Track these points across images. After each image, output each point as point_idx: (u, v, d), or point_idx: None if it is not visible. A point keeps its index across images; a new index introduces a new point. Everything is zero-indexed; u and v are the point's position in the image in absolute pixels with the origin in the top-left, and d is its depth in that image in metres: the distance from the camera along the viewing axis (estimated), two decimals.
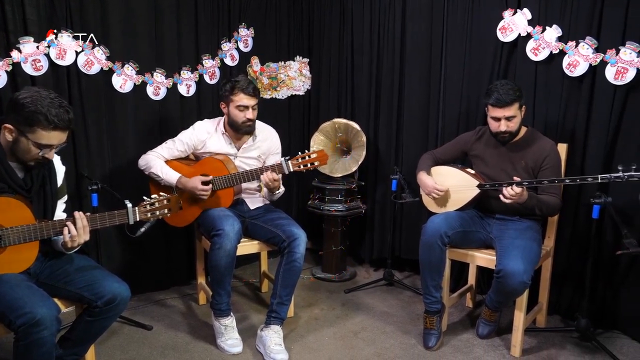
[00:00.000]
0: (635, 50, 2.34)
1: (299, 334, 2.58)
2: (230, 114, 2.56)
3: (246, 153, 2.65)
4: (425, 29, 3.12)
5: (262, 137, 2.70)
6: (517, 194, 2.20)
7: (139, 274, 2.96)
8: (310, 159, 2.39)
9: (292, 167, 2.39)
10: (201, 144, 2.63)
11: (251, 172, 2.45)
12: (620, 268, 2.55)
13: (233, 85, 2.53)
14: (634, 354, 2.42)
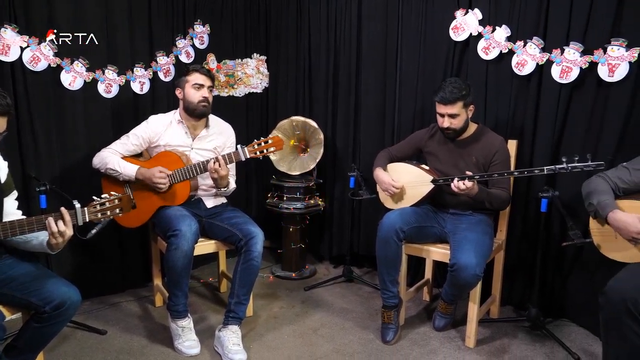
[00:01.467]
0: (578, 50, 2.44)
1: (258, 333, 2.57)
2: (186, 95, 2.56)
3: (201, 144, 2.63)
4: (381, 29, 3.16)
5: (217, 129, 2.69)
6: (467, 188, 2.26)
7: (92, 277, 2.88)
8: (265, 145, 2.41)
9: (249, 153, 2.40)
10: (156, 137, 2.59)
11: (201, 165, 2.43)
12: (567, 259, 2.66)
13: (188, 68, 2.61)
14: (580, 340, 2.53)
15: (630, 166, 2.03)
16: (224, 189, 2.58)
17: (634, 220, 1.84)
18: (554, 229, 2.65)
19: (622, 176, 2.02)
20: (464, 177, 2.29)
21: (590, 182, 2.08)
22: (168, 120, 2.62)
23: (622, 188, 2.02)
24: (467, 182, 2.26)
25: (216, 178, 2.45)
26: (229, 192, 2.66)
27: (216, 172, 2.40)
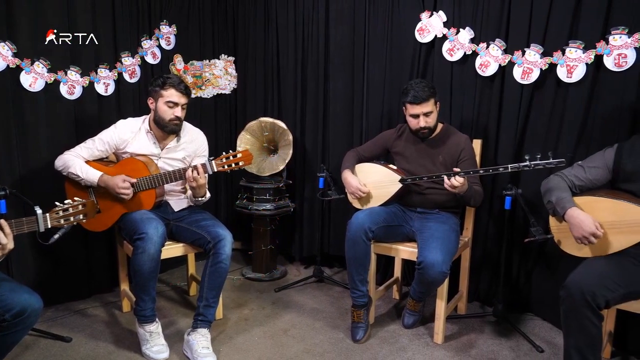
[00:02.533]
0: (538, 52, 2.52)
1: (227, 336, 2.55)
2: (158, 110, 2.47)
3: (170, 154, 2.58)
4: (348, 31, 3.18)
5: (188, 138, 2.63)
6: (460, 184, 2.26)
7: (56, 284, 2.80)
8: (234, 159, 2.36)
9: (216, 167, 2.36)
10: (123, 144, 2.52)
11: (174, 173, 2.39)
12: (531, 255, 2.74)
13: (164, 81, 2.45)
14: (544, 333, 2.61)
15: (585, 164, 2.10)
16: (201, 198, 2.53)
17: (589, 219, 1.90)
18: (518, 225, 2.72)
19: (578, 174, 2.09)
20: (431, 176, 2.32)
21: (548, 181, 2.15)
22: (137, 127, 2.55)
23: (578, 185, 2.09)
24: (459, 178, 2.26)
25: (195, 187, 2.40)
26: (204, 201, 2.61)
27: (195, 180, 2.35)
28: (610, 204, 1.94)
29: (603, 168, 2.05)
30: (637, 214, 1.86)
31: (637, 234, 1.87)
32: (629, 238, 1.89)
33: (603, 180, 2.07)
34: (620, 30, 2.28)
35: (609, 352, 2.38)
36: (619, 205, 1.91)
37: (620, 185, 2.02)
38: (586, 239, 1.92)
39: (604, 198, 1.96)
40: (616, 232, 1.92)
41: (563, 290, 1.85)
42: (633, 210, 1.87)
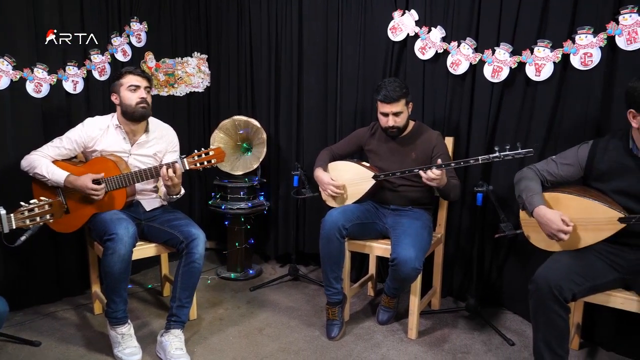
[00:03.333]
0: (507, 51, 2.56)
1: (202, 336, 2.53)
2: (123, 99, 2.44)
3: (141, 150, 2.54)
4: (321, 28, 3.18)
5: (158, 134, 2.59)
6: (437, 176, 2.26)
7: (24, 287, 2.73)
8: (206, 156, 2.33)
9: (188, 164, 2.33)
10: (92, 141, 2.47)
11: (146, 172, 2.35)
12: (502, 250, 2.79)
13: (121, 72, 2.48)
14: (515, 326, 2.66)
15: (558, 160, 2.12)
16: (176, 195, 2.50)
17: (556, 218, 1.92)
18: (489, 221, 2.76)
19: (550, 169, 2.12)
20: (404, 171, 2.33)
21: (521, 174, 2.17)
22: (105, 124, 2.51)
23: (550, 180, 2.12)
24: (435, 170, 2.26)
25: (170, 185, 2.36)
26: (179, 198, 2.57)
27: (170, 179, 2.31)
28: (578, 202, 1.96)
29: (575, 166, 2.07)
30: (604, 213, 1.89)
31: (603, 231, 1.91)
32: (595, 235, 1.93)
33: (575, 177, 2.10)
34: (586, 30, 2.34)
35: (577, 343, 2.45)
36: (587, 203, 1.94)
37: (592, 183, 2.04)
38: (556, 236, 1.94)
39: (573, 196, 1.99)
40: (584, 229, 1.96)
41: (531, 284, 1.89)
42: (600, 209, 1.90)
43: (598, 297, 1.96)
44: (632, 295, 1.92)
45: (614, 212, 1.87)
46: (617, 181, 1.94)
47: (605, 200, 1.93)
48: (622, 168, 1.93)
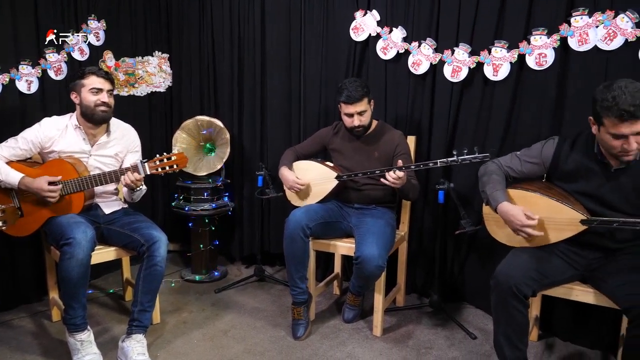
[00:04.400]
0: (466, 51, 2.62)
1: (165, 340, 2.49)
2: (83, 100, 2.37)
3: (101, 150, 2.47)
4: (284, 27, 3.18)
5: (119, 134, 2.53)
6: (399, 177, 2.27)
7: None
8: (168, 161, 2.28)
9: (149, 169, 2.28)
10: (49, 142, 2.39)
11: (106, 176, 2.29)
12: (464, 246, 2.85)
13: (83, 71, 2.39)
14: (477, 321, 2.72)
15: (522, 157, 2.13)
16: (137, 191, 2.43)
17: (519, 213, 1.94)
18: (451, 218, 2.81)
19: (514, 166, 2.13)
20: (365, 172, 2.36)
21: (485, 168, 2.17)
22: (63, 125, 2.43)
23: (512, 177, 2.14)
24: (398, 172, 2.27)
25: (133, 188, 2.32)
26: (140, 196, 2.51)
27: (134, 183, 2.26)
28: (544, 201, 1.98)
29: (540, 164, 2.08)
30: (567, 213, 1.92)
31: (565, 231, 1.94)
32: (557, 234, 1.96)
33: (537, 174, 2.12)
34: (540, 31, 2.42)
35: (536, 335, 2.53)
36: (552, 203, 1.96)
37: (555, 182, 2.06)
38: (522, 232, 1.95)
39: (539, 195, 2.00)
40: (546, 227, 1.98)
41: (493, 280, 1.93)
42: (564, 210, 1.93)
43: (557, 290, 2.01)
44: (588, 288, 1.98)
45: (577, 214, 1.91)
46: (581, 183, 1.96)
47: (569, 202, 1.95)
48: (587, 171, 1.94)
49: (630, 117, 1.67)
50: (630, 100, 1.66)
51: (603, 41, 2.28)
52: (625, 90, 1.68)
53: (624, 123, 1.69)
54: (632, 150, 1.74)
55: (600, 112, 1.75)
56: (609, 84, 1.75)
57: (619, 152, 1.78)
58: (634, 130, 1.70)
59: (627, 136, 1.72)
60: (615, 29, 2.25)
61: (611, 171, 1.89)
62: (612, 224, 1.80)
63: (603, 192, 1.91)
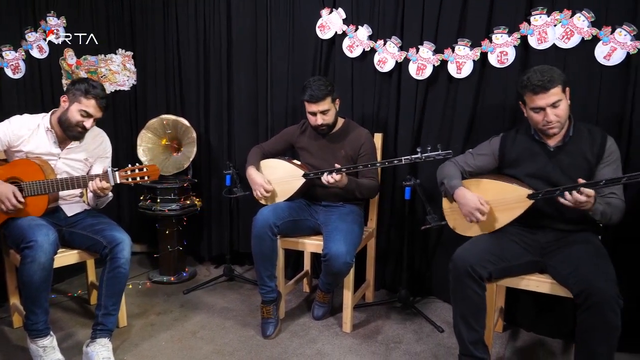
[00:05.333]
0: (431, 49, 2.65)
1: (132, 344, 2.44)
2: (69, 112, 2.30)
3: (71, 154, 2.41)
4: (250, 25, 3.16)
5: (90, 138, 2.46)
6: (336, 181, 2.35)
7: None
8: (140, 172, 2.24)
9: (120, 178, 2.24)
10: (18, 141, 2.32)
11: (75, 180, 2.24)
12: (431, 241, 2.89)
13: (88, 89, 2.29)
14: (444, 314, 2.77)
15: (474, 152, 2.28)
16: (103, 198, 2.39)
17: (474, 197, 2.07)
18: (418, 214, 2.85)
19: (468, 161, 2.27)
20: (332, 170, 2.37)
21: (443, 166, 2.30)
22: (35, 124, 2.35)
23: (468, 171, 2.27)
24: (335, 175, 2.35)
25: (100, 196, 2.27)
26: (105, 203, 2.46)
27: (101, 190, 2.21)
28: (493, 184, 2.12)
29: (490, 155, 2.23)
30: (514, 191, 2.05)
31: (515, 210, 2.05)
32: (508, 215, 2.08)
33: (490, 166, 2.25)
34: (502, 29, 2.47)
35: (501, 326, 2.59)
36: (498, 185, 2.10)
37: (505, 171, 2.20)
38: (473, 215, 2.08)
39: (487, 179, 2.16)
40: (499, 210, 2.10)
41: (450, 263, 2.02)
42: (510, 189, 2.06)
43: (515, 281, 2.08)
44: (545, 278, 2.05)
45: (524, 189, 2.03)
46: (527, 166, 2.11)
47: (516, 182, 2.08)
48: (530, 153, 2.11)
49: (541, 90, 1.92)
50: (540, 76, 1.93)
51: (561, 39, 2.35)
52: (536, 70, 1.97)
53: (538, 95, 1.94)
54: (552, 121, 1.97)
55: (521, 91, 2.02)
56: (528, 70, 2.02)
57: (543, 125, 2.00)
58: (548, 102, 1.94)
59: (544, 108, 1.95)
60: (573, 27, 2.32)
61: (550, 150, 2.06)
62: (555, 192, 1.91)
63: (547, 171, 2.05)
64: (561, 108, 1.95)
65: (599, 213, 1.90)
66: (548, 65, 2.03)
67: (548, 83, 1.91)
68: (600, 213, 1.90)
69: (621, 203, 1.97)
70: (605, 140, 2.01)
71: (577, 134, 2.04)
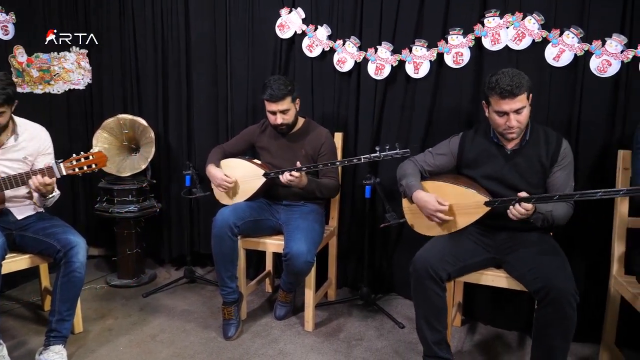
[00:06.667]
0: (389, 50, 2.69)
1: (88, 350, 2.38)
2: None
3: (8, 154, 2.30)
4: (209, 24, 3.12)
5: (27, 136, 2.36)
6: (296, 179, 2.35)
7: None
8: (86, 160, 2.18)
9: (65, 170, 2.16)
10: None
11: (14, 178, 2.15)
12: (391, 239, 2.93)
13: None
14: (405, 310, 2.81)
15: (433, 151, 2.30)
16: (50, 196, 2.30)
17: (432, 199, 2.09)
18: (378, 212, 2.88)
19: (427, 160, 2.29)
20: (292, 169, 2.37)
21: (402, 166, 2.32)
22: None
23: (427, 170, 2.29)
24: (294, 173, 2.34)
25: (44, 192, 2.18)
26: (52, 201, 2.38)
27: (43, 187, 2.13)
28: (452, 188, 2.14)
29: (448, 155, 2.26)
30: (473, 198, 2.07)
31: (473, 215, 2.09)
32: (467, 219, 2.11)
33: (449, 166, 2.28)
34: (457, 31, 2.53)
35: (459, 320, 2.66)
36: (459, 190, 2.11)
37: (463, 171, 2.23)
38: (436, 217, 2.10)
39: (447, 183, 2.16)
40: (457, 213, 2.12)
41: (411, 265, 2.04)
42: (469, 194, 2.08)
43: (473, 277, 2.13)
44: (501, 273, 2.11)
45: (481, 197, 2.06)
46: (483, 167, 2.14)
47: (474, 187, 2.11)
48: (487, 155, 2.14)
49: (508, 95, 1.92)
50: (509, 81, 1.92)
51: (513, 41, 2.42)
52: (506, 73, 1.95)
53: (504, 100, 1.94)
54: (513, 127, 1.98)
55: (487, 92, 2.00)
56: (497, 71, 2.00)
57: (504, 129, 2.02)
58: (513, 107, 1.95)
59: (508, 113, 1.96)
60: (524, 29, 2.40)
61: (508, 153, 2.10)
62: (511, 202, 1.96)
63: (503, 173, 2.09)
64: (524, 114, 1.98)
65: (540, 221, 1.98)
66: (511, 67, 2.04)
67: (516, 89, 1.91)
68: (541, 220, 1.98)
69: (567, 208, 2.04)
70: (560, 143, 2.06)
71: (533, 137, 2.08)
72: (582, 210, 2.23)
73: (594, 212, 2.34)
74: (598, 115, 2.34)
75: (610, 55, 2.27)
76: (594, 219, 2.36)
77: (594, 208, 2.32)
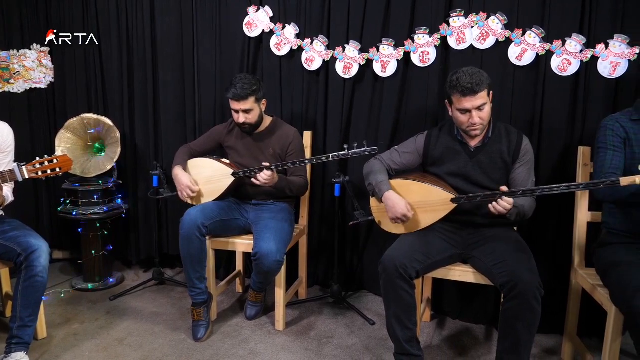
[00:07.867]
0: (356, 49, 2.70)
1: (53, 355, 2.31)
2: None
3: None
4: (175, 21, 3.07)
5: None
6: (269, 177, 2.34)
7: None
8: (50, 164, 2.12)
9: (28, 173, 2.10)
10: None
11: None
12: (361, 236, 2.95)
13: None
14: (375, 307, 2.84)
15: (400, 149, 2.33)
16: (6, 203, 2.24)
17: (402, 204, 2.11)
18: (348, 210, 2.90)
19: (394, 159, 2.31)
20: (261, 168, 2.36)
21: (369, 164, 2.34)
22: None
23: (394, 169, 2.32)
24: (267, 172, 2.33)
25: None
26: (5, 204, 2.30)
27: None
28: (419, 186, 2.17)
29: (414, 154, 2.29)
30: (439, 195, 2.11)
31: (439, 212, 2.13)
32: (433, 216, 2.15)
33: (415, 164, 2.32)
34: (423, 30, 2.56)
35: (429, 315, 2.70)
36: (426, 188, 2.15)
37: (429, 169, 2.27)
38: (398, 219, 2.14)
39: (414, 181, 2.19)
40: (423, 211, 2.16)
41: (380, 265, 2.04)
42: (435, 192, 2.12)
43: (440, 272, 2.16)
44: (468, 268, 2.15)
45: (447, 194, 2.10)
46: (448, 165, 2.19)
47: (440, 184, 2.15)
48: (452, 152, 2.18)
49: (470, 93, 1.97)
50: (469, 79, 1.97)
51: (478, 40, 2.47)
52: (466, 72, 2.00)
53: (466, 97, 1.99)
54: (476, 123, 2.04)
55: (449, 91, 2.05)
56: (457, 70, 2.04)
57: (467, 127, 2.06)
58: (475, 104, 2.00)
59: (470, 110, 2.01)
60: (488, 29, 2.45)
61: (471, 150, 2.15)
62: (477, 198, 2.01)
63: (467, 170, 2.15)
64: (485, 111, 2.03)
65: (514, 215, 2.03)
66: (473, 66, 2.09)
67: (476, 86, 1.96)
68: (515, 214, 2.03)
69: (532, 202, 2.09)
70: (521, 140, 2.12)
71: (496, 134, 2.14)
72: (544, 206, 2.30)
73: (556, 207, 2.41)
74: (559, 112, 2.41)
75: (570, 55, 2.34)
76: (556, 213, 2.43)
77: (556, 203, 2.39)
